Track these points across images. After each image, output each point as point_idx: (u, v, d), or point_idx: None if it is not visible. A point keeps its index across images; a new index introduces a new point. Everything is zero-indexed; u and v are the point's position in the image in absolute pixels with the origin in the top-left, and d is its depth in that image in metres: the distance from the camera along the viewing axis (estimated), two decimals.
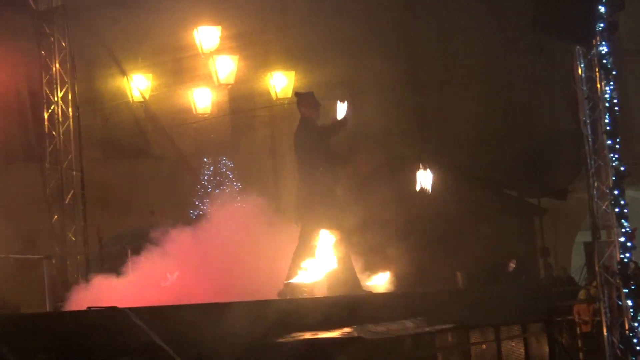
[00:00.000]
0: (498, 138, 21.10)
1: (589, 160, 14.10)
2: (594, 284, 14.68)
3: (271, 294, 11.14)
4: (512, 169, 18.84)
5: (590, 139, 14.15)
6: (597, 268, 13.69)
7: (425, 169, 15.64)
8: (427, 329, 10.34)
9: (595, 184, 14.01)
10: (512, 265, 17.37)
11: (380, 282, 12.46)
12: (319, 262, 11.49)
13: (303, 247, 11.46)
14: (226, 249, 12.61)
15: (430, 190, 14.96)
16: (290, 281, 11.30)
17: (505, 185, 20.31)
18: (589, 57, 14.27)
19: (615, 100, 14.05)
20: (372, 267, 12.49)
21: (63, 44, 18.70)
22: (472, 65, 21.31)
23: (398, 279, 12.64)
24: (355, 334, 9.40)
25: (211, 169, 19.42)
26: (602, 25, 14.11)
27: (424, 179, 15.54)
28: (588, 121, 14.19)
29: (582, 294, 16.22)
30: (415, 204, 16.69)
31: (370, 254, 12.68)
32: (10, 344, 7.49)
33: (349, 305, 10.34)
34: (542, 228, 17.99)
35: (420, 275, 13.70)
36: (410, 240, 15.23)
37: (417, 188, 15.47)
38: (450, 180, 19.64)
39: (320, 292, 11.28)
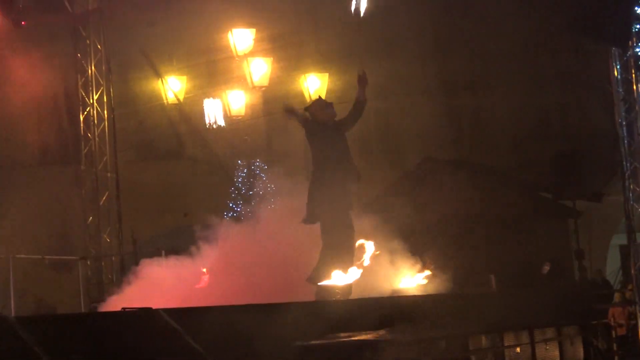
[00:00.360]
0: (533, 139, 21.00)
1: (624, 162, 14.00)
2: (630, 287, 14.58)
3: (303, 296, 11.13)
4: (547, 171, 18.71)
5: (625, 141, 14.05)
6: (632, 271, 13.59)
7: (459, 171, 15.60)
8: (461, 332, 10.29)
9: (631, 186, 13.91)
10: (547, 267, 17.28)
11: (415, 284, 12.42)
12: (352, 263, 11.48)
13: (329, 246, 11.46)
14: (261, 251, 12.62)
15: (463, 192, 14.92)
16: (324, 282, 11.27)
17: (540, 187, 20.18)
18: (625, 58, 14.17)
19: None
20: (408, 270, 12.45)
21: (99, 46, 18.83)
22: (506, 67, 21.21)
23: (433, 281, 12.59)
24: (389, 336, 9.38)
25: (245, 171, 19.46)
26: (638, 26, 14.01)
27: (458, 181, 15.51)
28: (624, 123, 14.08)
29: (617, 297, 16.10)
30: (449, 206, 16.65)
31: (409, 256, 12.64)
32: (45, 344, 7.55)
33: (381, 307, 10.32)
34: (577, 230, 17.85)
35: (455, 277, 13.63)
36: (444, 242, 15.20)
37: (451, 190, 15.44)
38: (485, 182, 19.58)
39: (354, 293, 11.25)
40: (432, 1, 21.42)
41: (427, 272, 12.26)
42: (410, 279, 12.28)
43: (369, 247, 11.59)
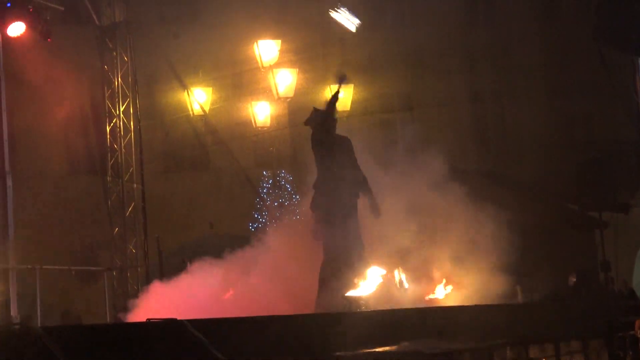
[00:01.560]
0: (559, 150, 20.92)
1: None
2: None
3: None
4: (573, 182, 18.64)
5: None
6: None
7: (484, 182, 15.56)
8: (486, 344, 10.27)
9: None
10: (573, 279, 17.18)
11: (441, 295, 12.41)
12: (372, 274, 11.50)
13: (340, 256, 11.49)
14: (287, 262, 12.63)
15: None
16: (349, 294, 11.28)
17: (566, 198, 20.11)
18: None
19: None
20: (434, 281, 12.44)
21: (125, 58, 18.95)
22: (532, 77, 21.17)
23: (459, 293, 12.57)
24: (414, 348, 9.36)
25: (270, 181, 19.50)
26: None
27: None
28: None
29: None
30: (475, 217, 16.54)
31: (431, 268, 12.62)
32: (71, 355, 7.58)
33: (405, 319, 10.30)
34: (603, 242, 17.76)
35: (481, 288, 13.58)
36: (470, 253, 15.11)
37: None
38: (511, 193, 19.49)
39: (376, 304, 11.25)
40: (458, 13, 21.42)
41: (450, 286, 12.25)
42: (436, 291, 12.27)
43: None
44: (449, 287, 12.48)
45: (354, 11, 13.99)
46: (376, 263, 11.77)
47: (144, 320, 9.19)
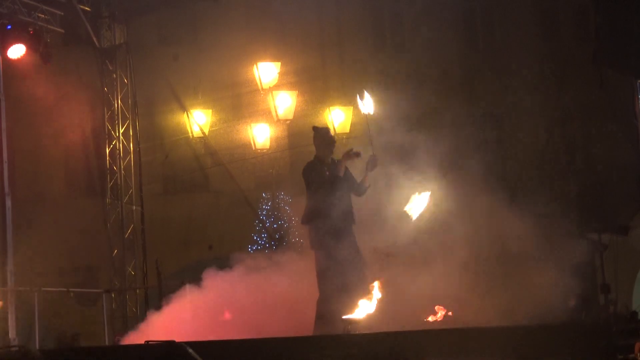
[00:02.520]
0: (558, 172, 20.91)
1: None
2: None
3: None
4: (572, 204, 18.63)
5: None
6: None
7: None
8: None
9: None
10: (572, 301, 17.12)
11: (438, 317, 12.36)
12: (371, 295, 11.45)
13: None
14: (285, 284, 12.61)
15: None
16: (348, 316, 11.23)
17: (565, 220, 20.07)
18: None
19: None
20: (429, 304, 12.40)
21: (125, 80, 19.02)
22: (531, 99, 21.20)
23: (457, 316, 12.53)
24: None
25: (270, 203, 19.49)
26: None
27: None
28: None
29: None
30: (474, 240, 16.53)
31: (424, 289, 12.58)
32: None
33: (404, 342, 10.27)
34: (602, 264, 17.73)
35: (480, 310, 13.55)
36: (468, 276, 15.08)
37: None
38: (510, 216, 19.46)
39: (376, 326, 11.21)
40: (458, 36, 21.48)
41: (442, 312, 12.23)
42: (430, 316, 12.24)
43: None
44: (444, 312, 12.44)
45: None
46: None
47: (142, 342, 9.17)
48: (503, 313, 12.48)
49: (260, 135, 19.79)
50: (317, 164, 12.04)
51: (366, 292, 11.42)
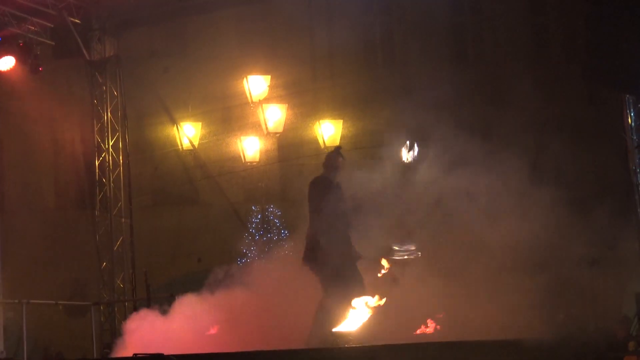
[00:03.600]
0: (545, 186, 20.92)
1: (639, 210, 13.98)
2: None
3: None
4: (562, 219, 18.63)
5: None
6: None
7: None
8: None
9: None
10: (561, 315, 17.14)
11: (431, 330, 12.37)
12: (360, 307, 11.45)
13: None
14: (273, 297, 12.59)
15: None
16: (337, 329, 11.21)
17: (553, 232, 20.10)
18: (639, 105, 14.19)
19: None
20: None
21: (115, 92, 19.02)
22: (520, 114, 21.24)
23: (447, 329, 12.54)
24: None
25: (259, 216, 19.48)
26: None
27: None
28: (638, 170, 14.08)
29: (631, 346, 15.96)
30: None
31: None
32: None
33: (394, 355, 10.26)
34: (591, 278, 17.77)
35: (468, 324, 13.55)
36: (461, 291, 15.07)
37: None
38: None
39: (365, 338, 11.20)
40: (448, 50, 21.53)
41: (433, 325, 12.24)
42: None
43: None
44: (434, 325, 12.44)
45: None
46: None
47: (131, 355, 9.15)
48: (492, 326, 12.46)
49: (250, 148, 19.78)
50: (330, 182, 12.06)
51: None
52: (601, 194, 18.71)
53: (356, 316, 11.33)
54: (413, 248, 12.71)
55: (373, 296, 11.56)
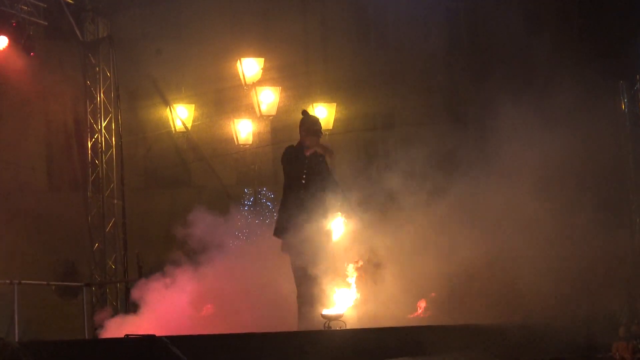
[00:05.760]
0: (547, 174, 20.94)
1: (631, 196, 14.03)
2: (636, 321, 14.50)
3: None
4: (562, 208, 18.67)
5: (632, 174, 14.09)
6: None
7: None
8: None
9: (638, 220, 13.93)
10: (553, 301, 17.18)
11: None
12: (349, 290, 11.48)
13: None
14: (263, 279, 12.62)
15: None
16: (326, 312, 11.22)
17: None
18: (633, 92, 14.22)
19: None
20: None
21: (108, 74, 18.97)
22: (514, 100, 21.23)
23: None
24: None
25: (251, 199, 19.47)
26: None
27: None
28: (631, 156, 14.12)
29: (621, 331, 16.02)
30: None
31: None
32: None
33: (387, 338, 10.30)
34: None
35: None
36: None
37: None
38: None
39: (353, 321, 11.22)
40: (441, 35, 21.49)
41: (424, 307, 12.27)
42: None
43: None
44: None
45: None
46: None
47: (122, 336, 9.16)
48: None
49: (243, 130, 19.77)
50: (300, 152, 11.89)
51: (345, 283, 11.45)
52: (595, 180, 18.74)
53: (344, 298, 11.35)
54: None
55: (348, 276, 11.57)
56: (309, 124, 12.04)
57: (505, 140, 15.18)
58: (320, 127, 12.11)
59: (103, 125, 19.07)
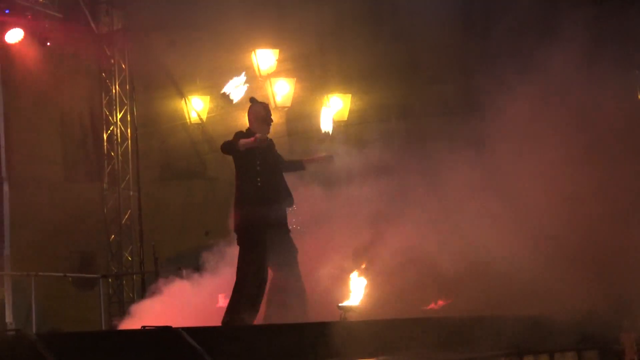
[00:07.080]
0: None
1: None
2: None
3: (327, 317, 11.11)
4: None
5: None
6: None
7: None
8: (481, 354, 10.26)
9: None
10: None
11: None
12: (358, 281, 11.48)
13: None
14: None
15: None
16: (343, 304, 11.24)
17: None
18: None
19: None
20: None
21: (123, 65, 19.02)
22: (527, 90, 21.18)
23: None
24: (409, 359, 9.36)
25: None
26: None
27: None
28: None
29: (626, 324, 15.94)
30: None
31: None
32: None
33: (400, 329, 10.30)
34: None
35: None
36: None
37: None
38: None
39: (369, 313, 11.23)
40: (455, 25, 21.42)
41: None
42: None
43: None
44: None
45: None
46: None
47: (139, 327, 9.19)
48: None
49: None
50: (247, 134, 11.72)
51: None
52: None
53: (356, 288, 11.35)
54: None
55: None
56: (257, 110, 11.86)
57: (524, 128, 15.08)
58: (270, 114, 11.91)
59: (119, 117, 19.12)
